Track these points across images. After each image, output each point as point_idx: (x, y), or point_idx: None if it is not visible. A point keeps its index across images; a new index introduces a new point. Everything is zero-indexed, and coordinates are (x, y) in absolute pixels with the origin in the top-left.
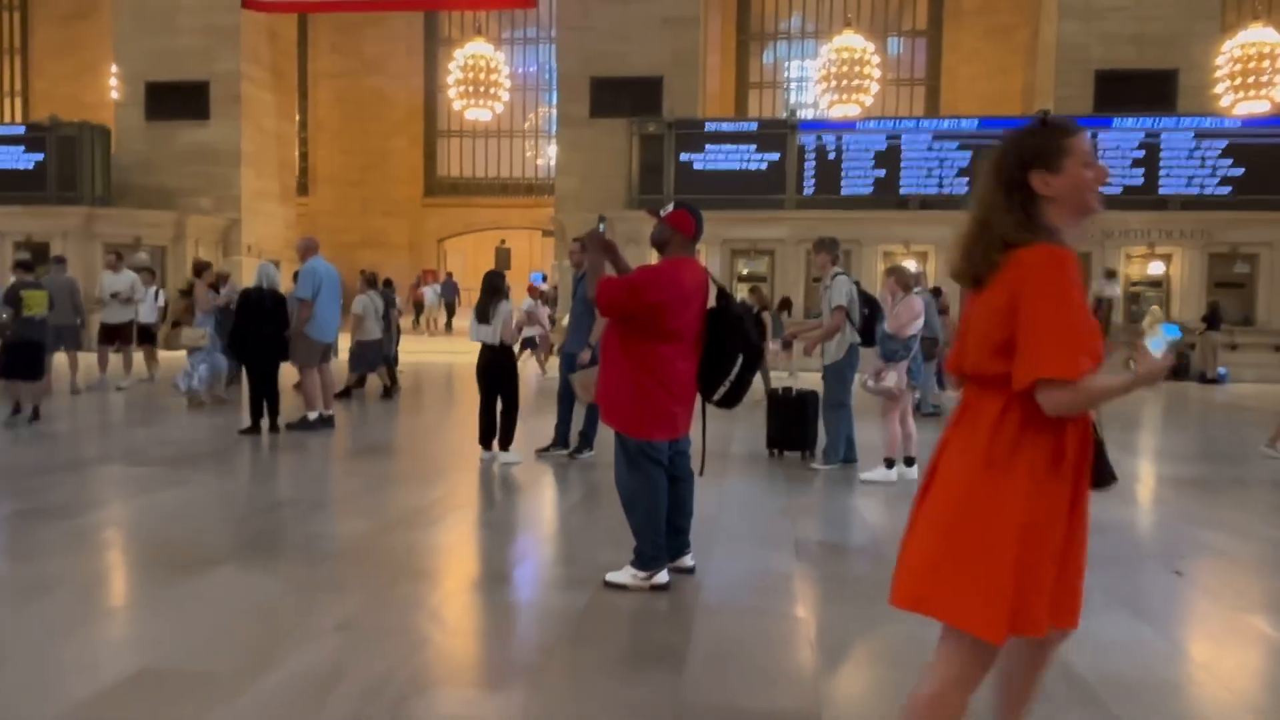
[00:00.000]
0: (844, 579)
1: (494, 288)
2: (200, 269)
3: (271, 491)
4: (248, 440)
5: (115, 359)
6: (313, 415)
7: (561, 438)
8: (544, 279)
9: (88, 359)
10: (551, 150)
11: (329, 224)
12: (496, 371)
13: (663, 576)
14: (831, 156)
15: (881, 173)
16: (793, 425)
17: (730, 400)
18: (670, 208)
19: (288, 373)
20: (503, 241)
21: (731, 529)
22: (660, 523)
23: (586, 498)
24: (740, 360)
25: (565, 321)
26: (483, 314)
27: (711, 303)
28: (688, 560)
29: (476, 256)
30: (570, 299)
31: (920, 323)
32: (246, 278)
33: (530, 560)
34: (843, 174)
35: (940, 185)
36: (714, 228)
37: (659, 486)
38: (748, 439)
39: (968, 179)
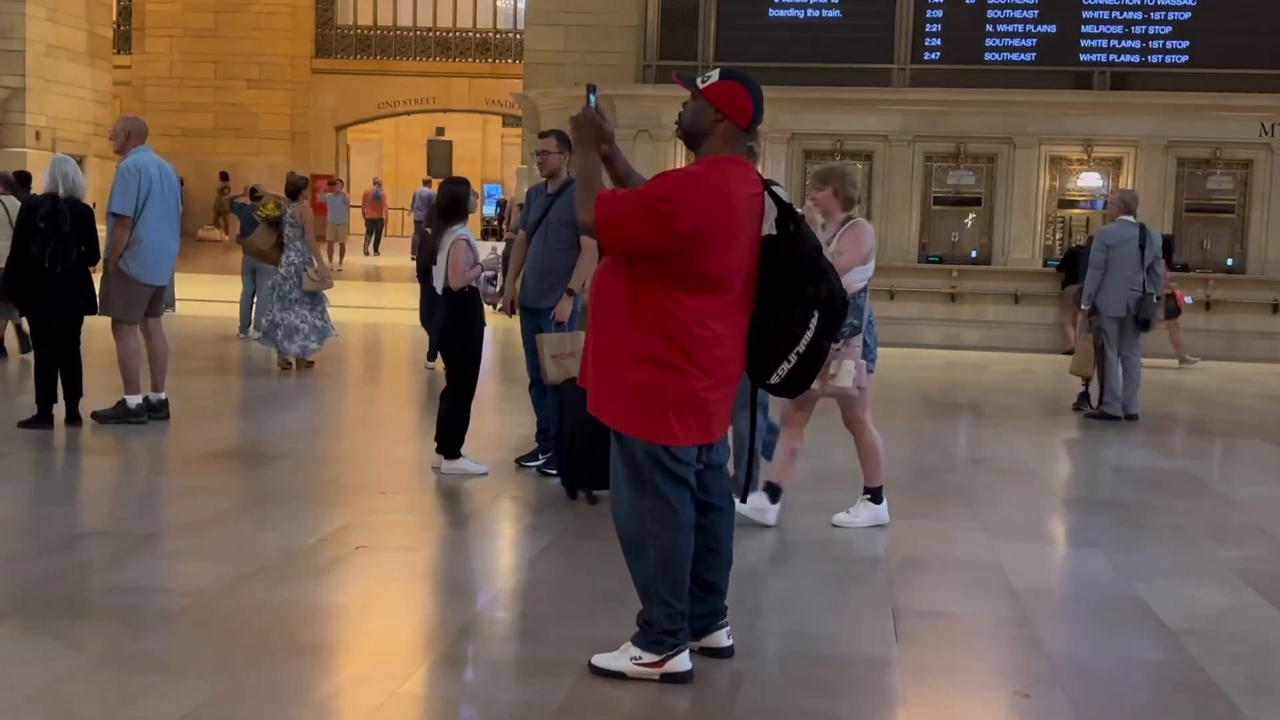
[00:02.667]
0: (962, 671)
1: (453, 205)
2: None
3: (71, 517)
4: (32, 437)
5: None
6: (134, 400)
7: (549, 441)
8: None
9: None
10: None
11: (165, 99)
12: (445, 330)
13: (683, 662)
14: (971, 1)
15: (1050, 28)
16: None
17: (795, 384)
18: (713, 76)
19: (97, 334)
20: (439, 131)
21: (791, 587)
22: (683, 577)
23: (568, 536)
24: (816, 320)
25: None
26: (432, 249)
27: (769, 228)
28: (723, 638)
29: (398, 153)
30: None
31: (871, 268)
32: (34, 182)
33: (478, 632)
34: (988, 30)
35: (1144, 51)
36: (778, 115)
37: (682, 520)
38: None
39: (1187, 42)
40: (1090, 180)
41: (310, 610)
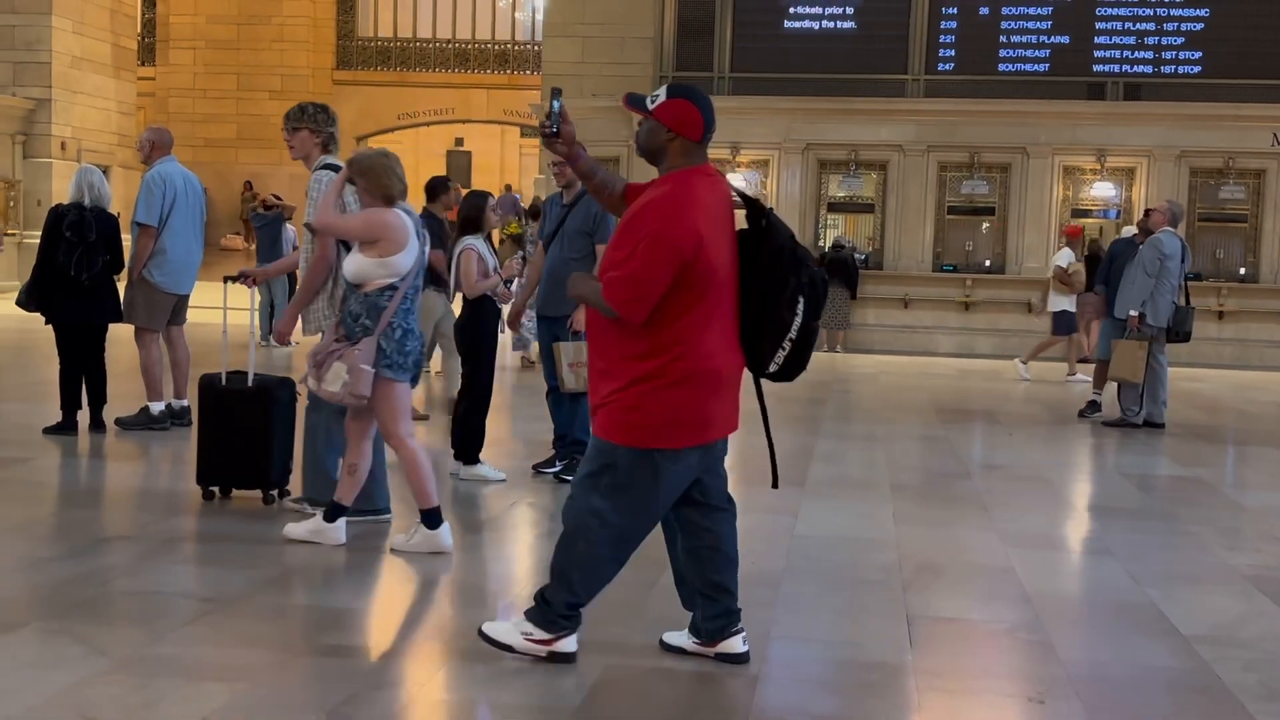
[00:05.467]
0: (976, 677)
1: (469, 217)
2: None
3: (94, 522)
4: (57, 443)
5: None
6: (157, 407)
7: (566, 447)
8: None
9: None
10: (538, 0)
11: (188, 110)
12: (460, 337)
13: (570, 644)
14: (984, 12)
15: (1064, 39)
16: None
17: (792, 369)
18: (661, 95)
19: (121, 341)
20: (459, 141)
21: (804, 593)
22: (597, 583)
23: None
24: (803, 305)
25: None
26: (446, 259)
27: (740, 225)
28: (739, 644)
29: (417, 163)
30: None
31: (408, 258)
32: (59, 189)
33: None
34: (1001, 41)
35: (1157, 61)
36: (792, 125)
37: (627, 532)
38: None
39: (1200, 52)
40: (1103, 190)
41: (329, 614)
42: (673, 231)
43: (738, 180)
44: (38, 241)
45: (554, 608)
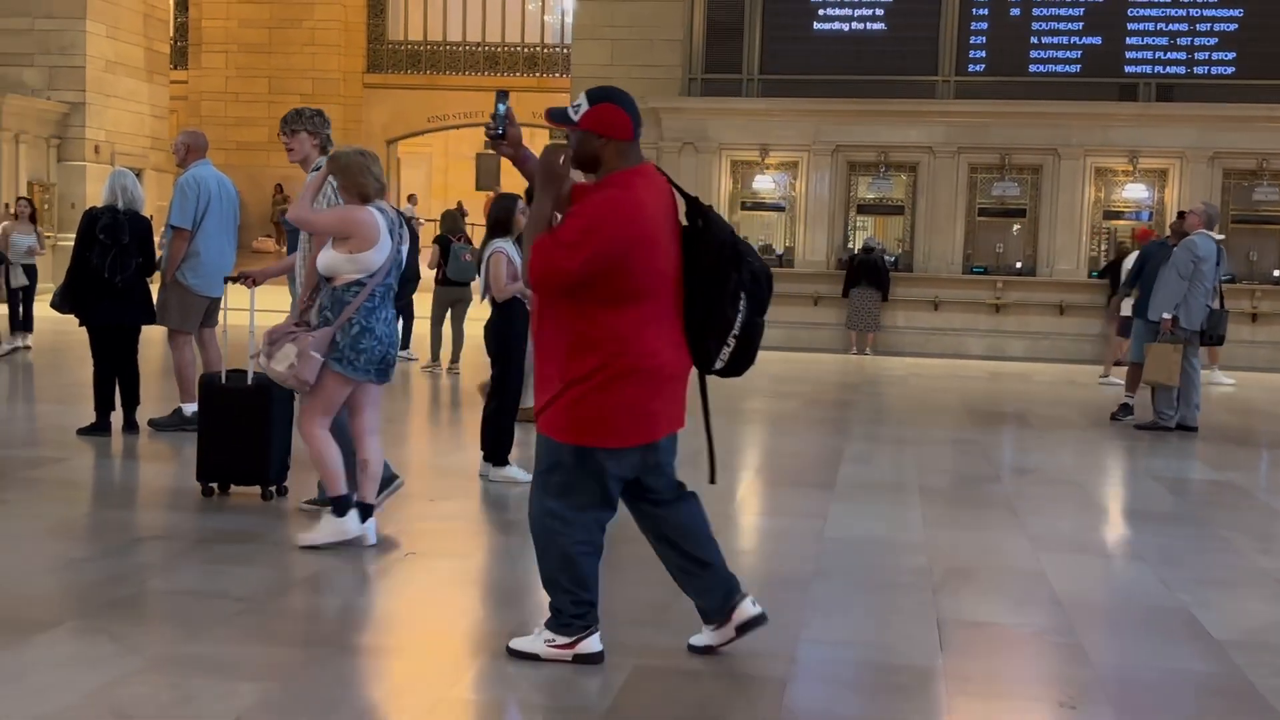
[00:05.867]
0: (1007, 681)
1: (499, 220)
2: None
3: (128, 522)
4: (91, 444)
5: None
6: (190, 408)
7: None
8: None
9: None
10: (567, 3)
11: (220, 113)
12: (493, 339)
13: (594, 644)
14: (1015, 13)
15: (1095, 40)
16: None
17: (739, 364)
18: (582, 104)
19: (154, 343)
20: (488, 144)
21: (834, 596)
22: (584, 572)
23: (613, 544)
24: (745, 301)
25: None
26: (476, 261)
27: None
28: (750, 606)
29: (447, 165)
30: None
31: (378, 256)
32: (94, 192)
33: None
34: (1032, 41)
35: (1190, 62)
36: (822, 127)
37: (589, 523)
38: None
39: (1233, 53)
40: (1136, 191)
41: (361, 615)
42: (604, 232)
43: (766, 182)
44: (72, 244)
45: (564, 612)
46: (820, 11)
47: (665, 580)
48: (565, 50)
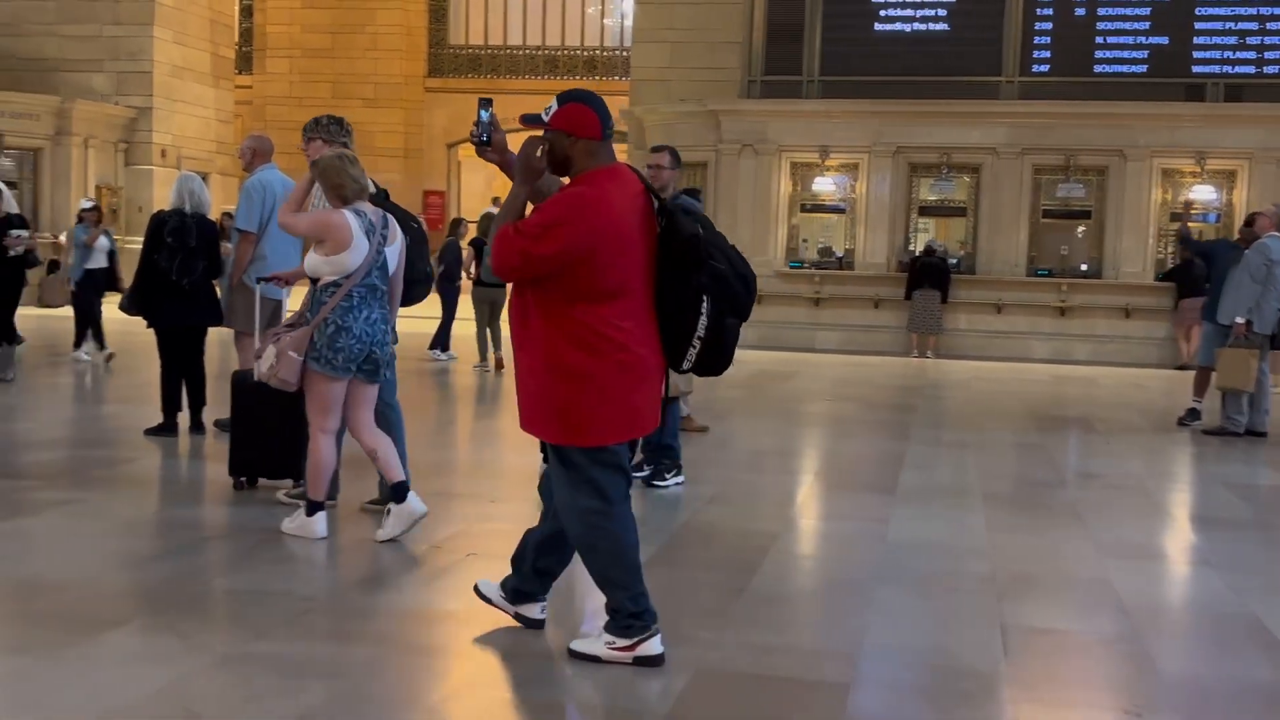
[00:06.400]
0: (1072, 688)
1: None
2: None
3: (195, 521)
4: (158, 444)
5: None
6: None
7: (654, 453)
8: None
9: None
10: (626, 5)
11: (284, 117)
12: None
13: (654, 646)
14: (1080, 12)
15: (1163, 40)
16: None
17: (712, 364)
18: (553, 106)
19: (221, 345)
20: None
21: (897, 600)
22: (633, 561)
23: (671, 548)
24: (708, 304)
25: None
26: None
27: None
28: (537, 610)
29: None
30: None
31: (353, 257)
32: (159, 196)
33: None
34: (1098, 41)
35: (1259, 62)
36: (883, 128)
37: (615, 511)
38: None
39: None
40: (1203, 193)
41: (423, 615)
42: (567, 226)
43: (826, 184)
44: (139, 247)
45: (621, 613)
46: (881, 12)
47: (725, 582)
48: (625, 53)
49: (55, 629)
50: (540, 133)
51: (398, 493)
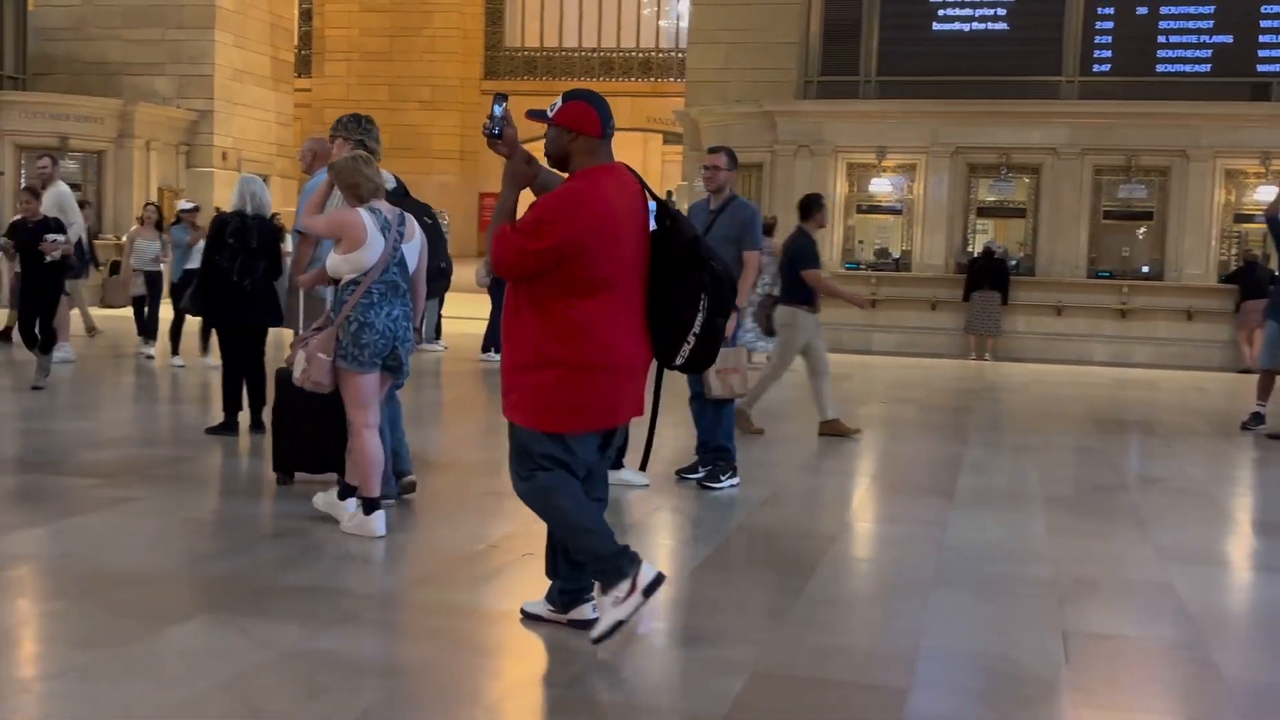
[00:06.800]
0: (1134, 695)
1: None
2: None
3: (256, 519)
4: (219, 442)
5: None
6: None
7: (709, 454)
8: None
9: None
10: (682, 7)
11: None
12: None
13: (647, 572)
14: (1142, 11)
15: (1226, 38)
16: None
17: (699, 361)
18: (558, 103)
19: (281, 345)
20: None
21: (955, 605)
22: (588, 514)
23: (728, 549)
24: (705, 302)
25: None
26: None
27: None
28: (588, 610)
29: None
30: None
31: (369, 255)
32: (220, 197)
33: (640, 641)
34: (1160, 40)
35: None
36: (940, 128)
37: (561, 487)
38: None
39: None
40: (1269, 194)
41: (480, 614)
42: (561, 221)
43: (883, 185)
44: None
45: (605, 561)
46: (940, 12)
47: (781, 584)
48: (680, 55)
49: (120, 624)
50: (544, 129)
51: (366, 506)
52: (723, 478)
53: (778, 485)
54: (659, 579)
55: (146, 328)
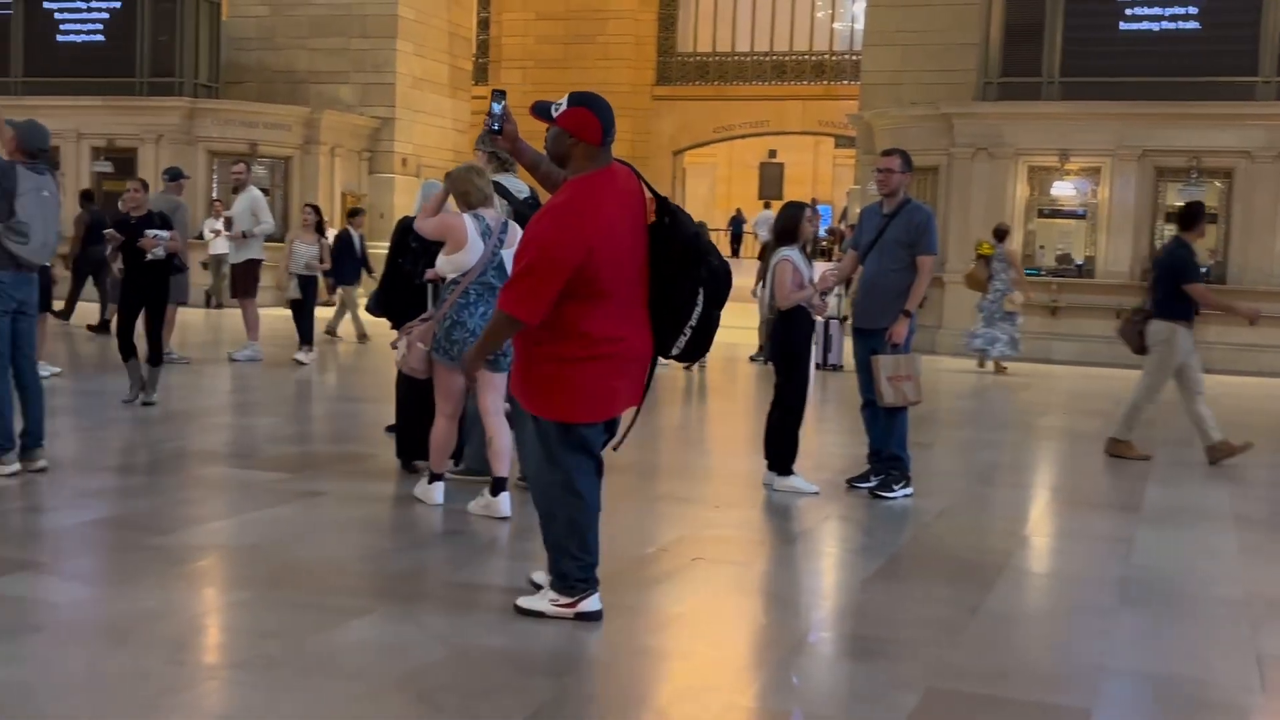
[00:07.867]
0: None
1: (786, 229)
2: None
3: (429, 518)
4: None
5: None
6: None
7: (882, 463)
8: (838, 218)
9: (185, 316)
10: (857, 9)
11: (517, 128)
12: (778, 348)
13: (593, 603)
14: None
15: None
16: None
17: (695, 351)
18: (563, 105)
19: None
20: (772, 153)
21: (1144, 625)
22: (588, 536)
23: (900, 560)
24: (703, 296)
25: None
26: (762, 270)
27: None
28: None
29: (731, 175)
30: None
31: (468, 257)
32: (402, 203)
33: (809, 650)
34: None
35: None
36: (1126, 130)
37: (582, 490)
38: None
39: None
40: None
41: (650, 617)
42: (563, 239)
43: (1065, 188)
44: (384, 251)
45: (569, 576)
46: (1127, 10)
47: (957, 599)
48: (854, 57)
49: (303, 615)
50: (547, 128)
51: (495, 486)
52: (895, 487)
53: (952, 496)
54: (597, 616)
55: (301, 332)
